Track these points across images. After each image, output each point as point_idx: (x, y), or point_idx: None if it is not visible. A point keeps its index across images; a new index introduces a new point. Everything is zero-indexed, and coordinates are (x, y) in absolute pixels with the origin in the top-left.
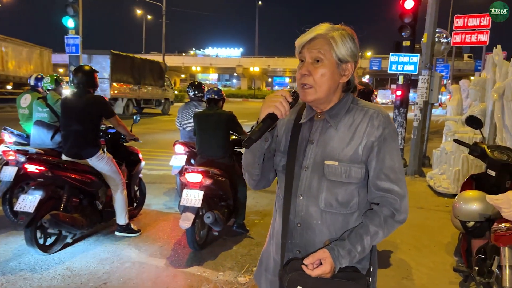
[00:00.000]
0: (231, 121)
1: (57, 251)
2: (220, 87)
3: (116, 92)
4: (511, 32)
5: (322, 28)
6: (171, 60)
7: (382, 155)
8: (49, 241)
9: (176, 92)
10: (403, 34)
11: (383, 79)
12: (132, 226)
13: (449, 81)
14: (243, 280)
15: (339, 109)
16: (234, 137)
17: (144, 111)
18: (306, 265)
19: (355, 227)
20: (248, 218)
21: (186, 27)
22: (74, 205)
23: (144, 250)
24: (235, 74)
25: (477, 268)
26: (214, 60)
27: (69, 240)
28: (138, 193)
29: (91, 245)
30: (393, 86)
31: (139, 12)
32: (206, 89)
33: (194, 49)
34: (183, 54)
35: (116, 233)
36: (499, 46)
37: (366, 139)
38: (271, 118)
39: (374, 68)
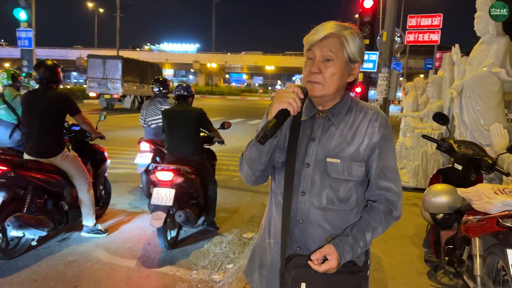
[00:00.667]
0: (201, 118)
1: (20, 255)
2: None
3: (125, 90)
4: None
5: (332, 26)
6: (126, 55)
7: (383, 156)
8: (12, 244)
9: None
10: (362, 32)
11: None
12: (99, 227)
13: (403, 78)
14: (217, 278)
15: (341, 108)
16: (203, 134)
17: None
18: (311, 261)
19: (355, 222)
20: (217, 215)
21: (140, 21)
22: (38, 206)
23: (113, 251)
24: (192, 70)
25: (447, 258)
26: (171, 56)
27: (33, 243)
28: (103, 192)
29: (57, 248)
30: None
31: (90, 5)
32: (171, 85)
33: (148, 44)
34: (138, 49)
35: (83, 234)
36: (457, 46)
37: (368, 139)
38: (284, 114)
39: None
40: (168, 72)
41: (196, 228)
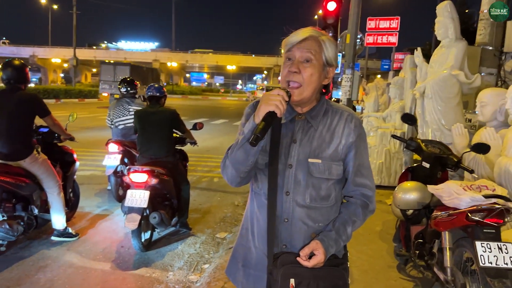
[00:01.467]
0: (174, 119)
1: None
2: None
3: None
4: (416, 34)
5: (311, 30)
6: (82, 54)
7: (358, 154)
8: None
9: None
10: None
11: None
12: (70, 230)
13: (364, 79)
14: (194, 278)
15: (318, 111)
16: (175, 135)
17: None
18: (300, 257)
19: (336, 218)
20: (189, 216)
21: (96, 19)
22: (7, 211)
23: (86, 254)
24: None
25: (417, 252)
26: (129, 54)
27: (2, 248)
28: (71, 195)
29: (27, 253)
30: None
31: (44, 1)
32: (138, 85)
33: (106, 42)
34: (94, 47)
35: (53, 238)
36: (419, 49)
37: (345, 139)
38: (272, 117)
39: None
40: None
41: (169, 229)
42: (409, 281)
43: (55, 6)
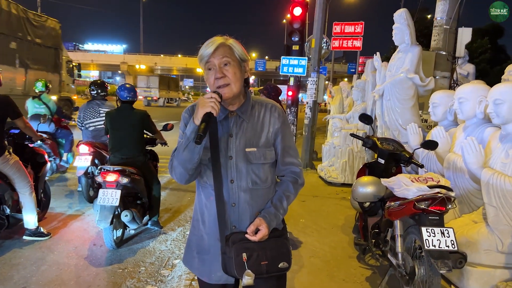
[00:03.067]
0: (145, 120)
1: None
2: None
3: (161, 95)
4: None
5: (219, 38)
6: None
7: (284, 138)
8: None
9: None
10: (293, 38)
11: (267, 80)
12: (42, 229)
13: (329, 82)
14: (166, 273)
15: (247, 106)
16: (145, 135)
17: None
18: (248, 234)
19: (273, 196)
20: (160, 215)
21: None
22: None
23: (59, 252)
24: (119, 71)
25: (373, 241)
26: (96, 57)
27: None
28: (43, 195)
29: None
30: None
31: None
32: (109, 87)
33: (72, 43)
34: None
35: (25, 237)
36: (378, 53)
37: (272, 127)
38: (210, 117)
39: (259, 69)
40: (93, 73)
41: (140, 228)
42: (368, 269)
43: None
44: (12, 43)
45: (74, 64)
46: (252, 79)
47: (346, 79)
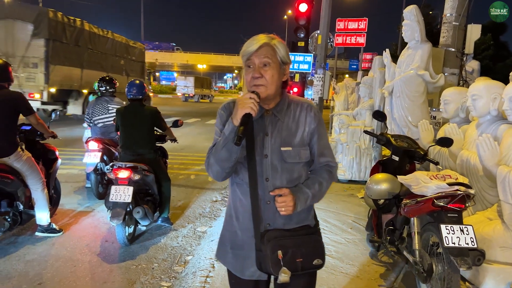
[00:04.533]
0: (156, 117)
1: None
2: None
3: (196, 92)
4: (383, 35)
5: (263, 37)
6: None
7: (320, 138)
8: None
9: None
10: (298, 35)
11: None
12: (54, 226)
13: (333, 79)
14: (179, 269)
15: (282, 105)
16: (156, 132)
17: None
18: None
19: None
20: (170, 211)
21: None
22: None
23: (71, 248)
24: None
25: (388, 238)
26: None
27: None
28: (53, 192)
29: (12, 248)
30: None
31: None
32: (117, 84)
33: None
34: None
35: (37, 234)
36: (387, 50)
37: (308, 127)
38: (248, 117)
39: None
40: None
41: (151, 224)
42: (381, 266)
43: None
44: (121, 61)
45: (150, 71)
46: None
47: (347, 76)
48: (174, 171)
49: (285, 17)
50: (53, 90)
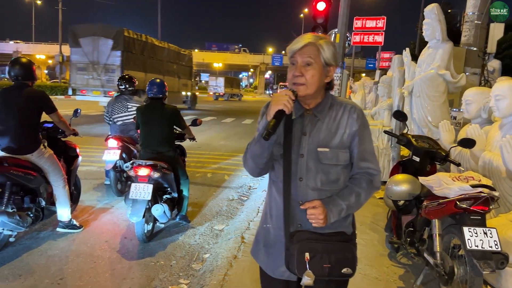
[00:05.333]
0: (175, 116)
1: None
2: None
3: (226, 91)
4: (400, 34)
5: (310, 37)
6: (67, 50)
7: (362, 141)
8: None
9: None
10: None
11: (283, 74)
12: (75, 222)
13: (351, 78)
14: (197, 267)
15: (324, 106)
16: (175, 131)
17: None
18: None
19: (343, 189)
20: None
21: (81, 15)
22: (16, 203)
23: (91, 245)
24: None
25: (408, 239)
26: None
27: (11, 239)
28: (73, 188)
29: (34, 244)
30: None
31: None
32: (137, 82)
33: None
34: None
35: (58, 229)
36: (407, 49)
37: (349, 129)
38: (281, 114)
39: (276, 64)
40: None
41: (169, 222)
42: (400, 268)
43: (38, 1)
44: (174, 66)
45: (196, 74)
46: (268, 74)
47: (364, 74)
48: (191, 169)
49: (301, 15)
50: None
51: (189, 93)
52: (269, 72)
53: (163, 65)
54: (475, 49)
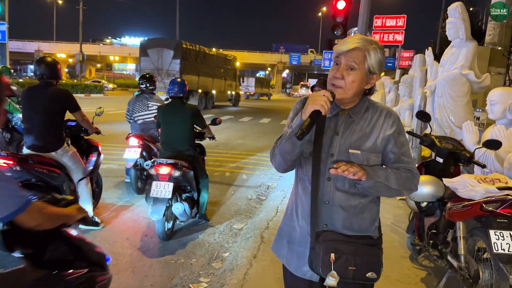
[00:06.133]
0: (196, 115)
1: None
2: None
3: (256, 91)
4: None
5: (359, 40)
6: (87, 49)
7: (397, 145)
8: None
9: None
10: (335, 32)
11: (301, 73)
12: (97, 219)
13: None
14: (216, 265)
15: (360, 108)
16: (195, 129)
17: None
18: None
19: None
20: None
21: (100, 14)
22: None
23: (113, 242)
24: None
25: (431, 242)
26: (133, 50)
27: None
28: (95, 186)
29: None
30: (311, 80)
31: None
32: (157, 82)
33: (110, 37)
34: (99, 43)
35: (80, 226)
36: (430, 49)
37: (383, 133)
38: (317, 114)
39: (293, 63)
40: (130, 66)
41: (188, 220)
42: (422, 270)
43: (60, 1)
44: (221, 70)
45: (239, 75)
46: (285, 73)
47: (383, 73)
48: (210, 168)
49: (319, 14)
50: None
51: (233, 92)
52: (287, 71)
53: (212, 69)
54: (500, 48)
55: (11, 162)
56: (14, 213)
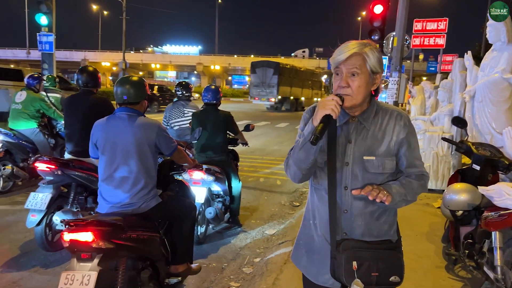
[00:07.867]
0: (229, 122)
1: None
2: None
3: (281, 94)
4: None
5: (354, 46)
6: (130, 57)
7: (411, 149)
8: (56, 237)
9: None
10: (372, 37)
11: None
12: None
13: (410, 82)
14: (247, 270)
15: (370, 113)
16: (228, 136)
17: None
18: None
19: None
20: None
21: (142, 23)
22: (80, 203)
23: None
24: (195, 72)
25: (466, 252)
26: (174, 58)
27: None
28: None
29: None
30: None
31: (95, 7)
32: (193, 89)
33: (151, 46)
34: (141, 51)
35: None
36: (469, 52)
37: (396, 136)
38: (328, 119)
39: (331, 68)
40: (170, 74)
41: (221, 225)
42: (458, 281)
43: (105, 12)
44: (309, 82)
45: (324, 85)
46: (323, 78)
47: (425, 78)
48: (244, 174)
49: (359, 18)
50: (279, 97)
51: (319, 99)
52: (325, 76)
53: (302, 81)
54: None
55: (53, 167)
56: (173, 151)
